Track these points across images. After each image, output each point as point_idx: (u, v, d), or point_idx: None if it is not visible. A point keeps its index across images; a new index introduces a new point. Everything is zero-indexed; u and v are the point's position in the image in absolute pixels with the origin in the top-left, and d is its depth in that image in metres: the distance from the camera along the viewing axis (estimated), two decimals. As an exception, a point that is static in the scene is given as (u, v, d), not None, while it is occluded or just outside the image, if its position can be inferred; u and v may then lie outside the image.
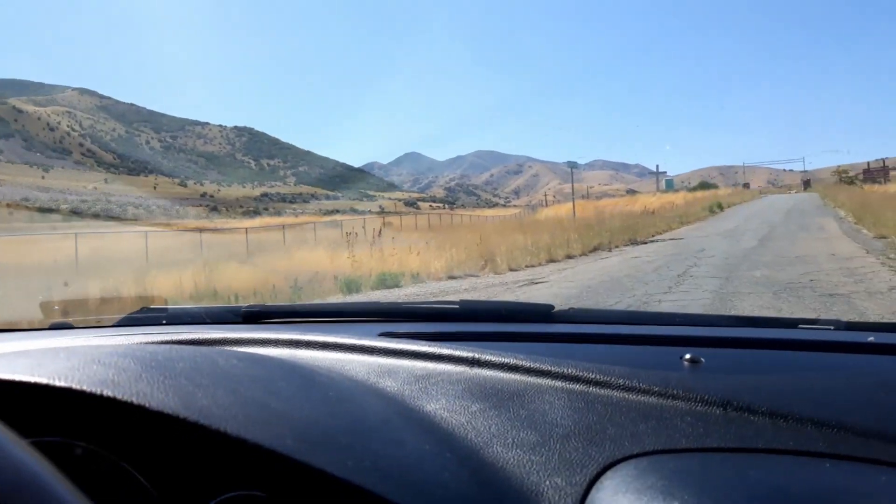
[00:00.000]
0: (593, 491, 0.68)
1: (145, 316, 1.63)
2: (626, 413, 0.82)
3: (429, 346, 1.04)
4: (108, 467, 0.74)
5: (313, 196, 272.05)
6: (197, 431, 0.67)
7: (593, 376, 0.89)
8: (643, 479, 0.68)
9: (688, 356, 1.06)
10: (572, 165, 29.29)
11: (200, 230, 23.95)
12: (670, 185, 69.50)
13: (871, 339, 1.24)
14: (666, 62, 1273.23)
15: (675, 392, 0.85)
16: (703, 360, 1.06)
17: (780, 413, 0.80)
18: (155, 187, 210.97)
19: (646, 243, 18.19)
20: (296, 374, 0.90)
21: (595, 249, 16.64)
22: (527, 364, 0.94)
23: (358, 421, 0.77)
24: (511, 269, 13.24)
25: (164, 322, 1.57)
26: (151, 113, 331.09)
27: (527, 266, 13.71)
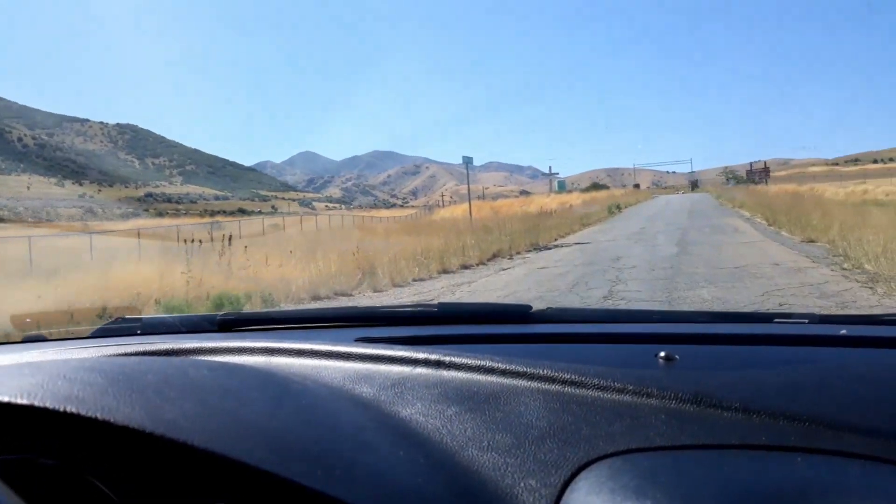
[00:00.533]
0: (567, 492, 0.68)
1: (120, 326, 1.59)
2: (600, 413, 0.82)
3: (405, 350, 1.03)
4: (76, 484, 0.74)
5: (201, 196, 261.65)
6: (164, 445, 0.66)
7: (568, 376, 0.89)
8: (617, 478, 0.68)
9: (662, 354, 1.06)
10: (467, 161, 27.21)
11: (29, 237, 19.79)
12: (563, 187, 69.92)
13: (843, 332, 1.28)
14: (556, 66, 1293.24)
15: (649, 390, 0.85)
16: (677, 357, 1.06)
17: (752, 408, 0.80)
18: (28, 188, 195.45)
19: (550, 248, 16.09)
20: (269, 383, 0.89)
21: (494, 257, 14.41)
22: (502, 366, 0.93)
23: (330, 429, 0.77)
24: (395, 285, 10.79)
25: (139, 332, 1.54)
26: (24, 108, 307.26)
27: (415, 280, 11.26)
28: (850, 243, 10.34)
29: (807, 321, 1.44)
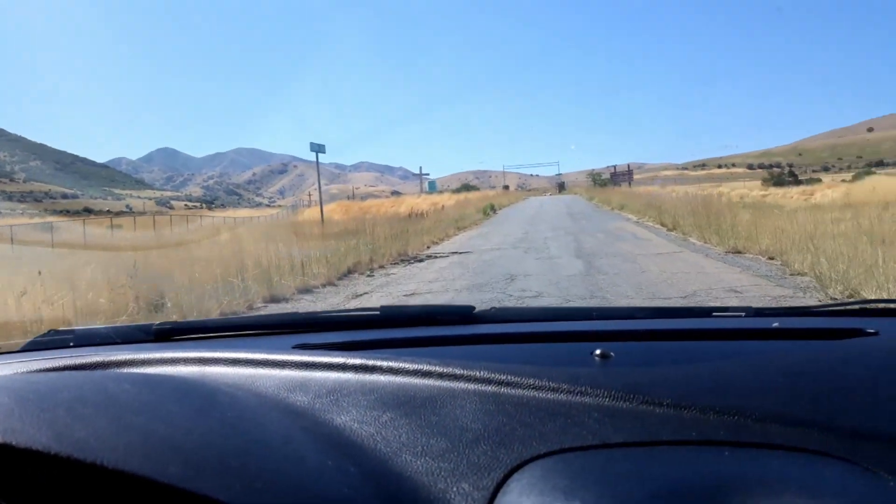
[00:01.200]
0: (500, 495, 0.68)
1: (51, 339, 1.53)
2: (534, 413, 0.82)
3: (342, 356, 1.01)
4: None
5: (47, 195, 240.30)
6: (74, 466, 0.63)
7: (504, 377, 0.89)
8: (548, 479, 0.69)
9: (598, 352, 1.08)
10: (317, 149, 23.68)
11: None
12: (433, 187, 67.68)
13: (775, 324, 1.31)
14: (425, 68, 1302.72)
15: (583, 388, 0.85)
16: (612, 354, 1.07)
17: (683, 404, 0.81)
18: None
19: (422, 261, 12.68)
20: (193, 395, 0.86)
21: (350, 273, 11.01)
22: (439, 369, 0.93)
23: (255, 441, 0.75)
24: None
25: (71, 344, 1.49)
26: None
27: (223, 314, 7.56)
28: (822, 260, 7.71)
29: (743, 314, 1.49)
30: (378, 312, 1.57)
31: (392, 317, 1.59)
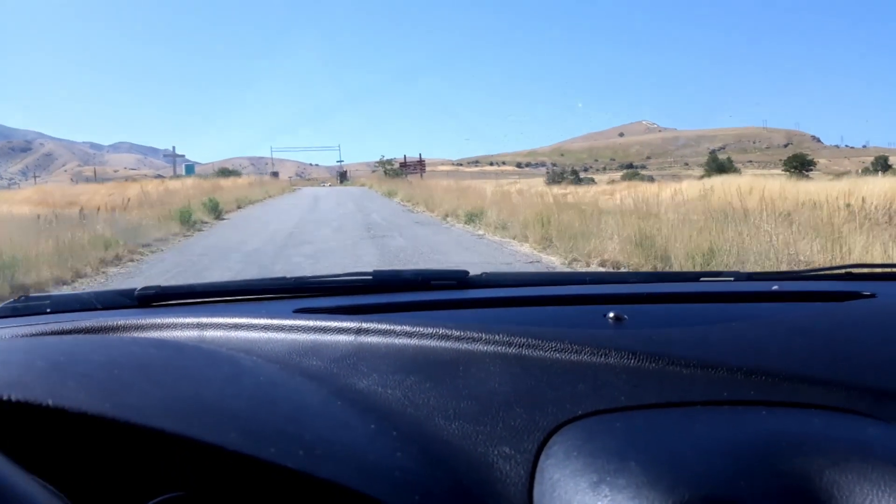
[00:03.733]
0: (543, 457, 0.67)
1: (25, 305, 1.42)
2: (562, 375, 0.81)
3: (350, 320, 0.97)
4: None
5: None
6: (121, 433, 0.59)
7: (525, 339, 0.87)
8: (592, 440, 0.68)
9: (611, 314, 1.06)
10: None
11: None
12: (191, 171, 56.30)
13: (775, 287, 1.32)
14: (192, 44, 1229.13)
15: (606, 350, 0.85)
16: (626, 316, 1.06)
17: (710, 364, 0.81)
18: None
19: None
20: (220, 360, 0.84)
21: None
22: (456, 332, 0.90)
23: (298, 405, 0.74)
24: None
25: (48, 310, 1.38)
26: None
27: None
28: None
29: (733, 279, 1.51)
30: (370, 277, 1.50)
31: (384, 281, 1.52)
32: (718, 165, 61.67)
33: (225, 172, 51.71)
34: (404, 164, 45.74)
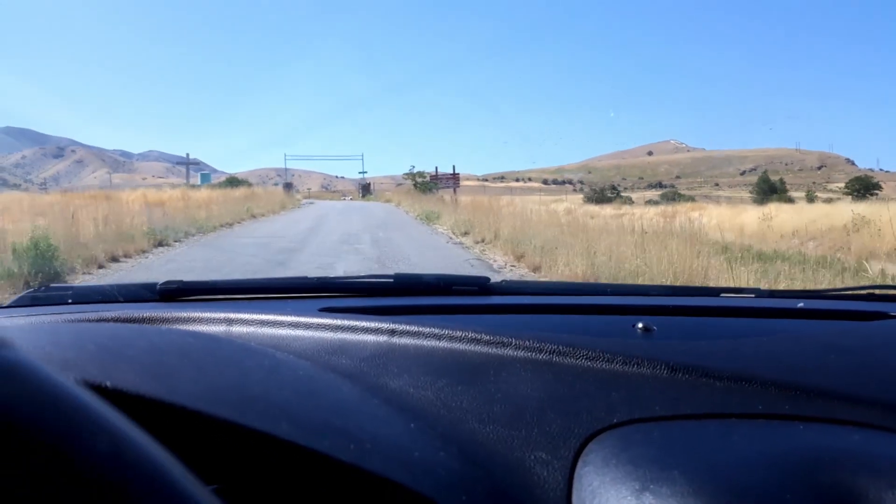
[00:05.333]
0: (580, 464, 0.67)
1: (48, 294, 1.42)
2: (595, 383, 0.81)
3: (377, 321, 0.96)
4: None
5: None
6: (170, 419, 0.58)
7: (556, 346, 0.87)
8: (631, 449, 0.67)
9: (640, 325, 1.06)
10: None
11: None
12: (206, 179, 53.85)
13: (800, 304, 1.33)
14: (230, 55, 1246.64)
15: (638, 360, 0.84)
16: (655, 328, 1.06)
17: (744, 377, 0.81)
18: None
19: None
20: (258, 353, 0.83)
21: None
22: (485, 336, 0.90)
23: (339, 401, 0.72)
24: None
25: (70, 301, 1.38)
26: None
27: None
28: None
29: (753, 295, 1.51)
30: (392, 279, 1.49)
31: (406, 284, 1.51)
32: (770, 187, 58.21)
33: (234, 182, 46.94)
34: (436, 178, 38.06)
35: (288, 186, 43.98)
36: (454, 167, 38.00)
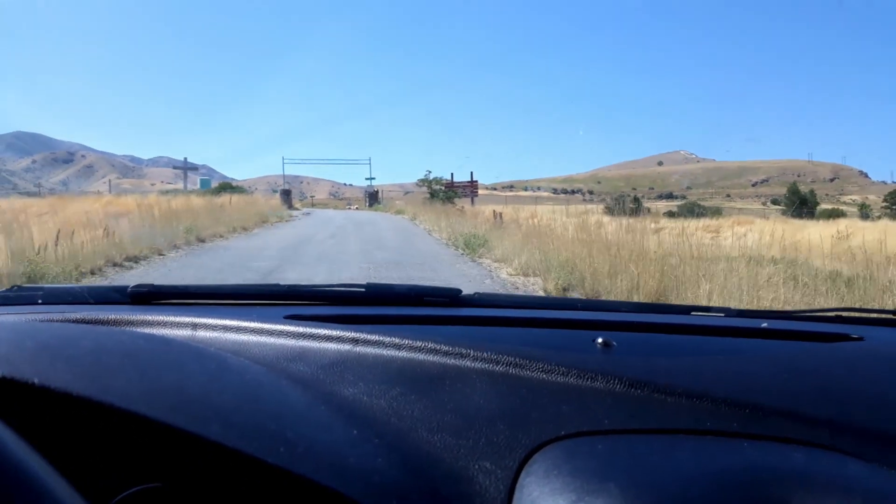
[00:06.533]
0: (523, 474, 0.68)
1: (18, 294, 1.44)
2: (547, 395, 0.82)
3: (341, 329, 0.98)
4: None
5: None
6: (102, 419, 0.60)
7: (513, 359, 0.88)
8: (573, 461, 0.69)
9: (600, 340, 1.07)
10: None
11: None
12: (206, 185, 51.70)
13: (764, 324, 1.33)
14: (242, 61, 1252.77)
15: (593, 374, 0.86)
16: (614, 343, 1.07)
17: (695, 394, 0.82)
18: None
19: None
20: (207, 357, 0.85)
21: None
22: (445, 347, 0.91)
23: (282, 405, 0.74)
24: None
25: (39, 301, 1.39)
26: None
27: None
28: None
29: (723, 315, 1.51)
30: (363, 289, 1.50)
31: (377, 294, 1.52)
32: (800, 199, 54.63)
33: (226, 188, 43.92)
34: (452, 185, 33.31)
35: (286, 194, 39.10)
36: (472, 174, 34.61)
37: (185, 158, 47.84)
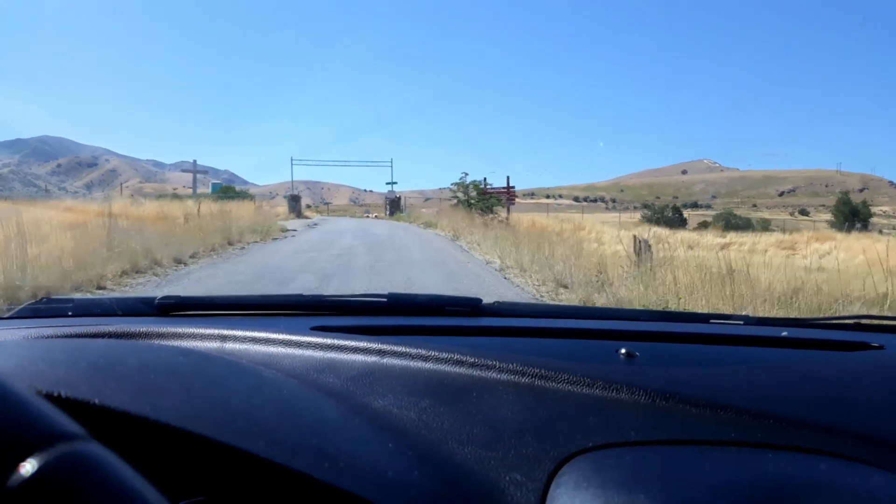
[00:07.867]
0: (553, 486, 0.68)
1: (48, 307, 1.45)
2: (574, 407, 0.83)
3: (367, 341, 0.98)
4: None
5: None
6: (155, 435, 0.60)
7: (539, 370, 0.89)
8: (602, 472, 0.69)
9: (623, 350, 1.08)
10: None
11: None
12: (216, 189, 49.36)
13: (784, 333, 1.32)
14: (262, 69, 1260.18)
15: (618, 385, 0.86)
16: (637, 353, 1.07)
17: (719, 405, 0.83)
18: None
19: None
20: (244, 372, 0.85)
21: None
22: (470, 359, 0.92)
23: (320, 419, 0.74)
24: None
25: (69, 314, 1.41)
26: None
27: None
28: None
29: (742, 322, 1.50)
30: (386, 300, 1.50)
31: (399, 304, 1.53)
32: (851, 210, 50.87)
33: (230, 193, 39.41)
34: (486, 193, 26.67)
35: (294, 200, 34.22)
36: (508, 179, 29.33)
37: (195, 161, 45.41)
